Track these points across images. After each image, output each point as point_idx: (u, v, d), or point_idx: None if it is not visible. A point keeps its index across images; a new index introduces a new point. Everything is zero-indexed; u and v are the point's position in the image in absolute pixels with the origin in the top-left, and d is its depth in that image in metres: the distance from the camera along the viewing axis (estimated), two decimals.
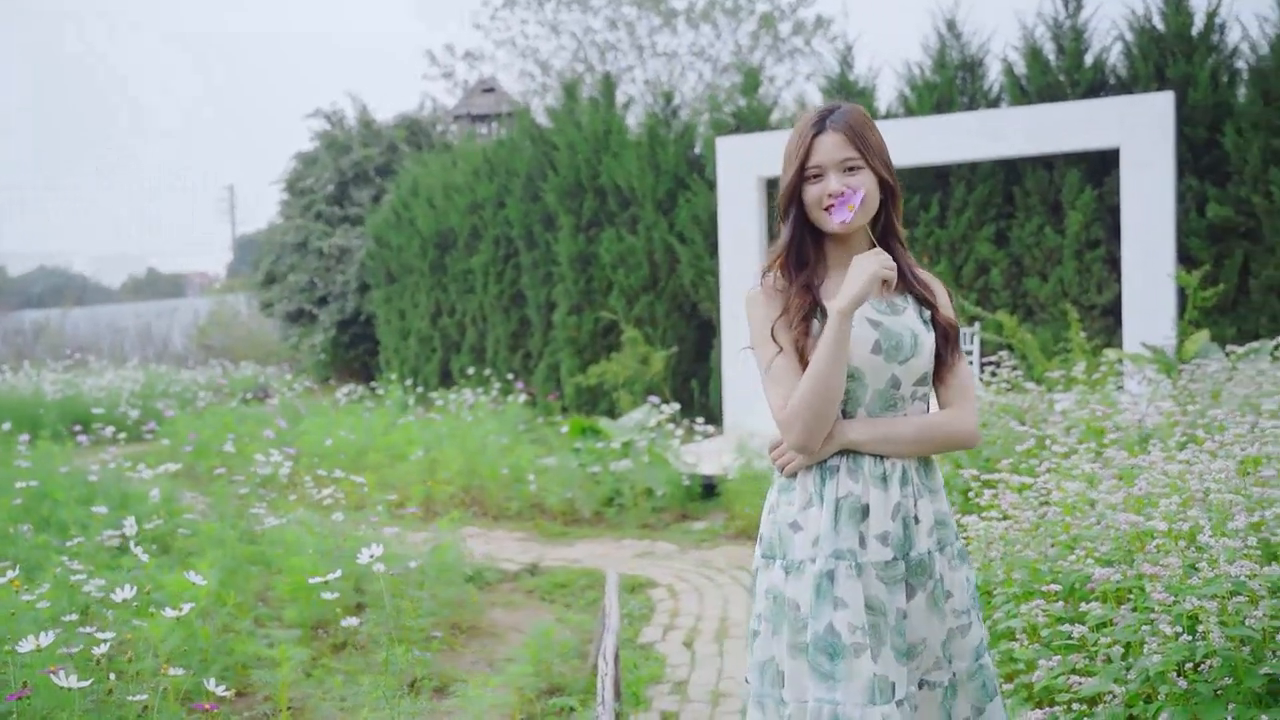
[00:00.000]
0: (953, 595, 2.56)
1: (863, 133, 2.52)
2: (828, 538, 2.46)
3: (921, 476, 2.57)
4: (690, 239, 12.89)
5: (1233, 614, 2.82)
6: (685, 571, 7.22)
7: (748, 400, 11.42)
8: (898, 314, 2.56)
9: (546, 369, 14.14)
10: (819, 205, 2.52)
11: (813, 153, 2.51)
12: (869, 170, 2.52)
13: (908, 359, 2.53)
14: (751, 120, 12.82)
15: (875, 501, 2.48)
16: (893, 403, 2.55)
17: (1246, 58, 10.79)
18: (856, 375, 2.51)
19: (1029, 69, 11.44)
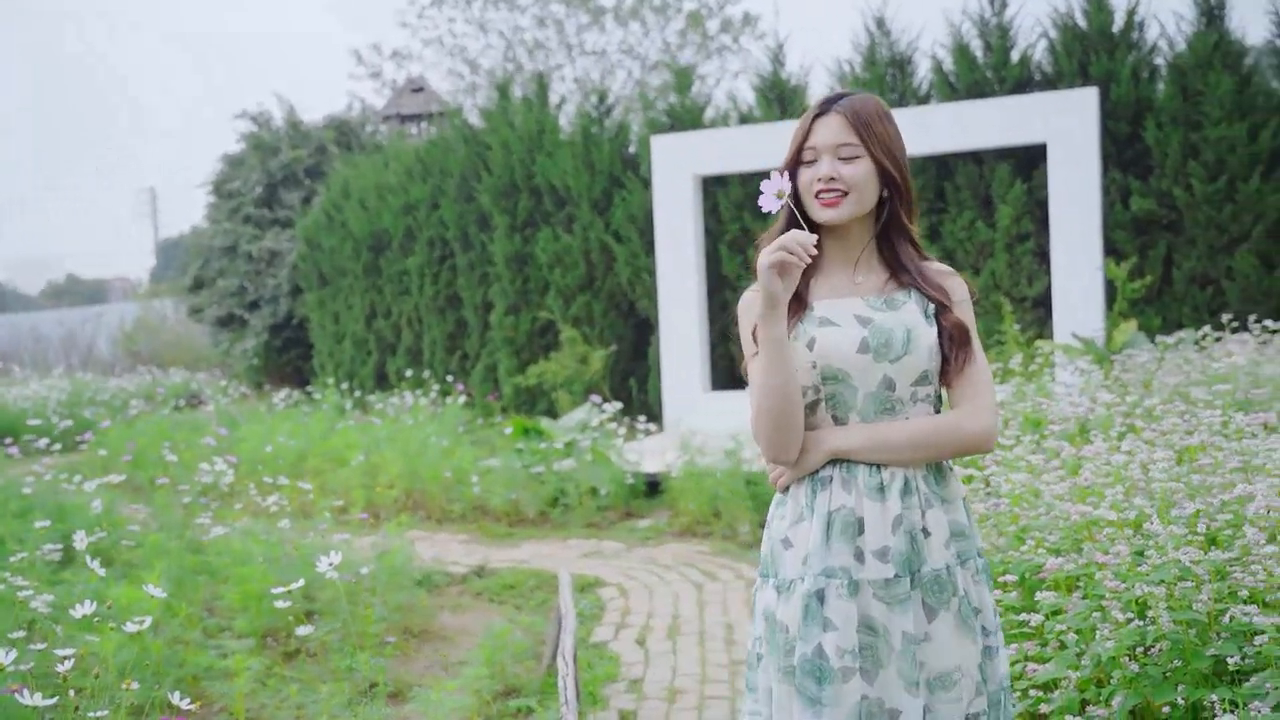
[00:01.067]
0: (981, 612, 2.35)
1: (868, 120, 2.35)
2: (817, 554, 2.29)
3: (931, 485, 2.34)
4: (627, 238, 12.94)
5: (1180, 598, 2.93)
6: (633, 570, 7.27)
7: (687, 398, 11.51)
8: (894, 309, 2.37)
9: (484, 370, 14.11)
10: (809, 190, 2.36)
11: (811, 135, 2.37)
12: (869, 160, 2.34)
13: (899, 357, 2.32)
14: (685, 119, 12.90)
15: (871, 514, 2.29)
16: (889, 405, 2.34)
17: (1165, 54, 11.07)
18: (841, 377, 2.33)
19: (957, 66, 11.65)
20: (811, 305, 2.39)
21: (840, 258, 2.44)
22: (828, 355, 2.33)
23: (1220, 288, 10.57)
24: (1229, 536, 3.14)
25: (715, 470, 8.29)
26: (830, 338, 2.34)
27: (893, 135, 2.38)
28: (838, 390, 2.35)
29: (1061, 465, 3.95)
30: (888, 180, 2.37)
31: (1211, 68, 10.55)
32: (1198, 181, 10.45)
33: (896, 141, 2.38)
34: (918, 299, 2.39)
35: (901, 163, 2.38)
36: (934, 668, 2.28)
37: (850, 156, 2.34)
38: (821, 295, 2.41)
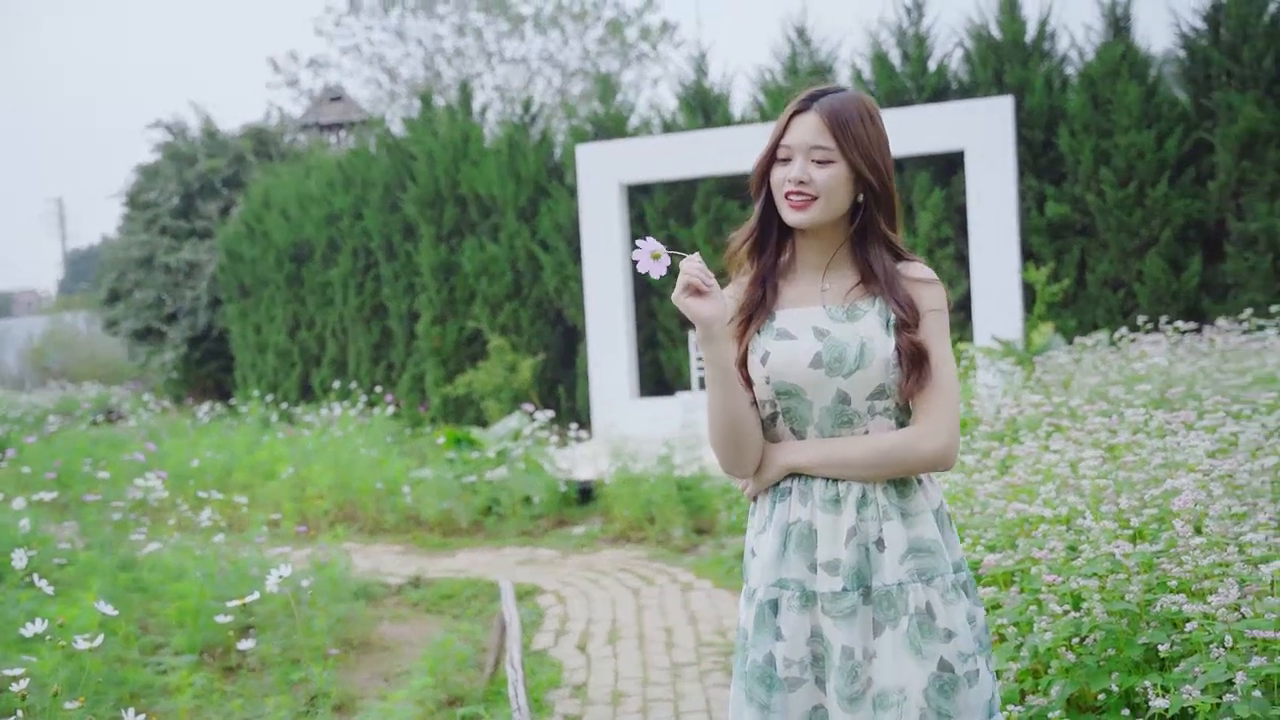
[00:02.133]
0: (955, 635, 2.21)
1: (846, 121, 2.23)
2: (771, 566, 2.28)
3: (891, 498, 2.26)
4: (553, 246, 12.98)
5: (1112, 590, 3.07)
6: (570, 577, 7.32)
7: (616, 404, 11.58)
8: (854, 320, 2.28)
9: (410, 380, 14.05)
10: (779, 190, 2.27)
11: (787, 132, 2.27)
12: (844, 164, 2.23)
13: (853, 371, 2.24)
14: (610, 127, 12.98)
15: (824, 526, 2.26)
16: (847, 419, 2.28)
17: (1076, 64, 11.41)
18: (795, 392, 2.27)
19: (876, 75, 11.88)
20: (774, 314, 2.33)
21: (812, 261, 2.35)
22: (780, 371, 2.27)
23: (1131, 290, 10.90)
24: (1155, 530, 3.28)
25: (648, 476, 8.36)
26: (783, 353, 2.27)
27: (874, 137, 2.26)
28: (792, 405, 2.29)
29: (994, 465, 4.08)
30: (864, 185, 2.26)
31: (1119, 77, 10.89)
32: (1109, 187, 10.77)
33: (878, 144, 2.26)
34: (880, 308, 2.28)
35: (882, 166, 2.27)
36: (877, 685, 2.21)
37: (823, 160, 2.24)
38: (787, 303, 2.34)
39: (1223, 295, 10.70)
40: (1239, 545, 2.95)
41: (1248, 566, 2.87)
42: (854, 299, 2.30)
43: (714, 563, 7.26)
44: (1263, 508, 3.20)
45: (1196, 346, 7.21)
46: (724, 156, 11.66)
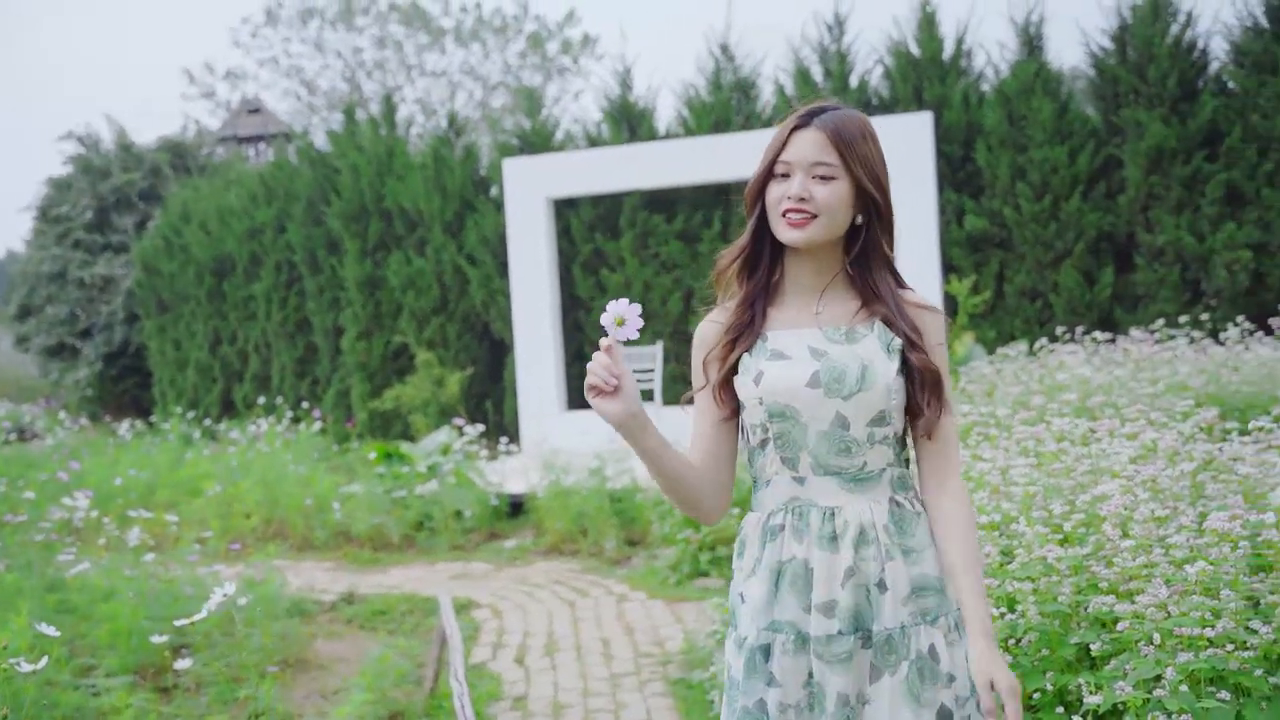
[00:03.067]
0: (956, 679, 2.12)
1: (851, 139, 2.13)
2: (763, 608, 2.15)
3: (893, 535, 2.14)
4: (480, 260, 12.98)
5: (1045, 592, 3.19)
6: (505, 590, 7.34)
7: (544, 418, 11.61)
8: (853, 342, 2.17)
9: (336, 395, 13.94)
10: (777, 207, 2.15)
11: (787, 147, 2.16)
12: (848, 181, 2.13)
13: (853, 394, 2.12)
14: (536, 142, 13.02)
15: (820, 564, 2.13)
16: (844, 447, 2.15)
17: (991, 81, 11.70)
18: (790, 414, 2.14)
19: (798, 90, 12.07)
20: (765, 336, 2.21)
21: (805, 284, 2.23)
22: (775, 391, 2.14)
23: (1048, 301, 11.19)
24: (1084, 534, 3.41)
25: (580, 489, 8.41)
26: (779, 372, 2.16)
27: (876, 157, 2.16)
28: (786, 429, 2.16)
29: None
30: (867, 204, 2.16)
31: (1034, 94, 11.20)
32: (1025, 201, 11.06)
33: (880, 163, 2.17)
34: (880, 332, 2.19)
35: (885, 186, 2.18)
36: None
37: (826, 176, 2.13)
38: (778, 325, 2.22)
39: (1134, 306, 11.04)
40: (1164, 547, 3.08)
41: (1172, 567, 3.00)
42: (854, 323, 2.20)
43: (647, 574, 7.33)
44: (1184, 511, 3.34)
45: (1112, 356, 7.44)
46: (650, 170, 11.77)
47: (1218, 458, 3.85)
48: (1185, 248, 10.70)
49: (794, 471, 2.18)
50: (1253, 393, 6.29)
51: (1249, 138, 10.64)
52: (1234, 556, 2.91)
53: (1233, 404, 6.13)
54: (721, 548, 7.07)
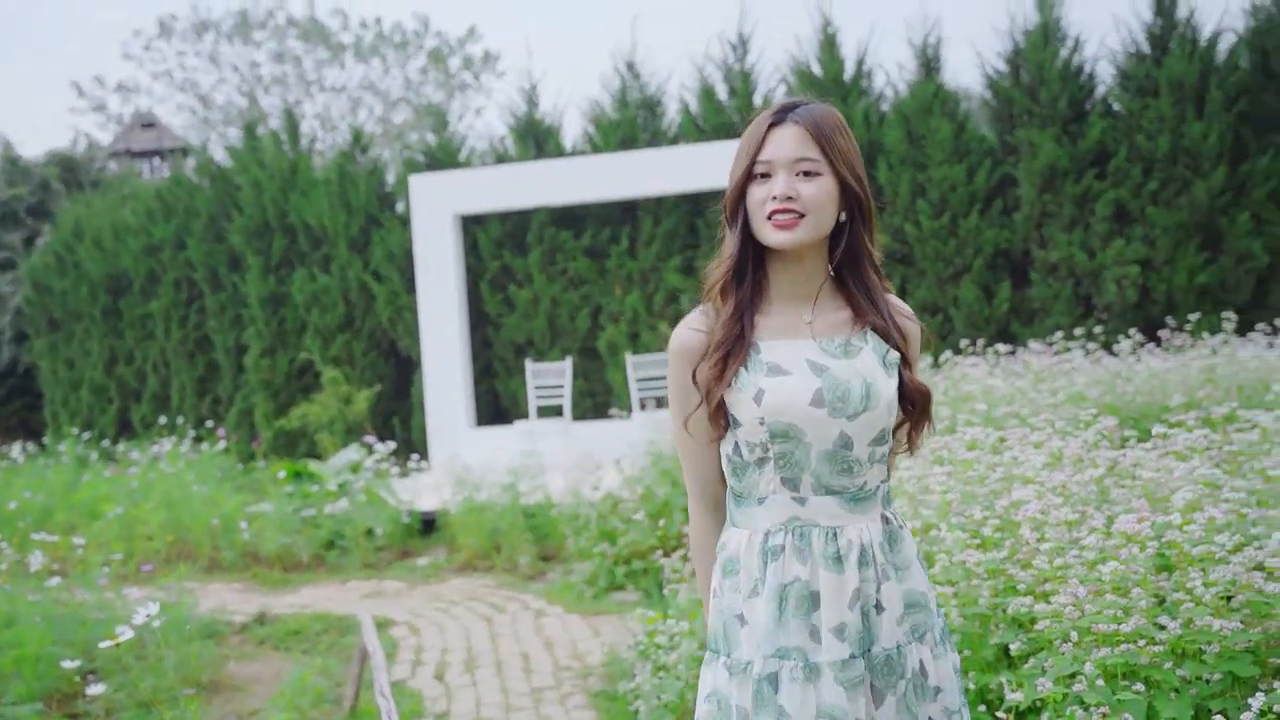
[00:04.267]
0: (942, 691, 2.12)
1: (830, 133, 2.04)
2: (769, 634, 2.05)
3: (886, 552, 2.10)
4: (387, 277, 12.90)
5: (966, 595, 3.31)
6: (420, 608, 7.30)
7: (453, 434, 11.57)
8: (851, 357, 2.08)
9: (239, 414, 13.70)
10: (760, 210, 2.04)
11: (764, 147, 2.05)
12: (832, 177, 2.04)
13: (858, 413, 2.04)
14: (443, 158, 12.99)
15: (827, 587, 2.04)
16: (846, 467, 2.06)
17: (891, 101, 12.00)
18: (794, 434, 2.04)
19: (704, 109, 12.23)
20: (758, 346, 2.09)
21: (791, 291, 2.12)
22: (778, 410, 2.03)
23: (948, 315, 11.50)
24: (1001, 539, 3.55)
25: (494, 505, 8.40)
26: (781, 389, 2.04)
27: (854, 151, 2.09)
28: (789, 449, 2.05)
29: None
30: (851, 200, 2.07)
31: (932, 114, 11.51)
32: (925, 218, 11.36)
33: (857, 157, 2.10)
34: (875, 344, 2.11)
35: (864, 181, 2.09)
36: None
37: (810, 172, 2.03)
38: (769, 334, 2.10)
39: (1030, 319, 11.39)
40: (1078, 549, 3.22)
41: (1085, 568, 3.14)
42: (846, 333, 2.11)
43: (564, 588, 7.36)
44: (1093, 515, 3.49)
45: (1013, 368, 7.68)
46: (558, 187, 11.82)
47: (1121, 464, 4.02)
48: (1077, 263, 11.07)
49: (794, 492, 2.07)
50: (1145, 402, 6.56)
51: (1134, 158, 11.07)
52: (1142, 557, 3.05)
53: (1128, 412, 6.39)
54: (636, 561, 7.13)
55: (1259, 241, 10.76)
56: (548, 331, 12.44)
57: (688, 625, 4.35)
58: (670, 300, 12.14)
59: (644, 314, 12.15)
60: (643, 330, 12.13)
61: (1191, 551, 3.04)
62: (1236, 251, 10.84)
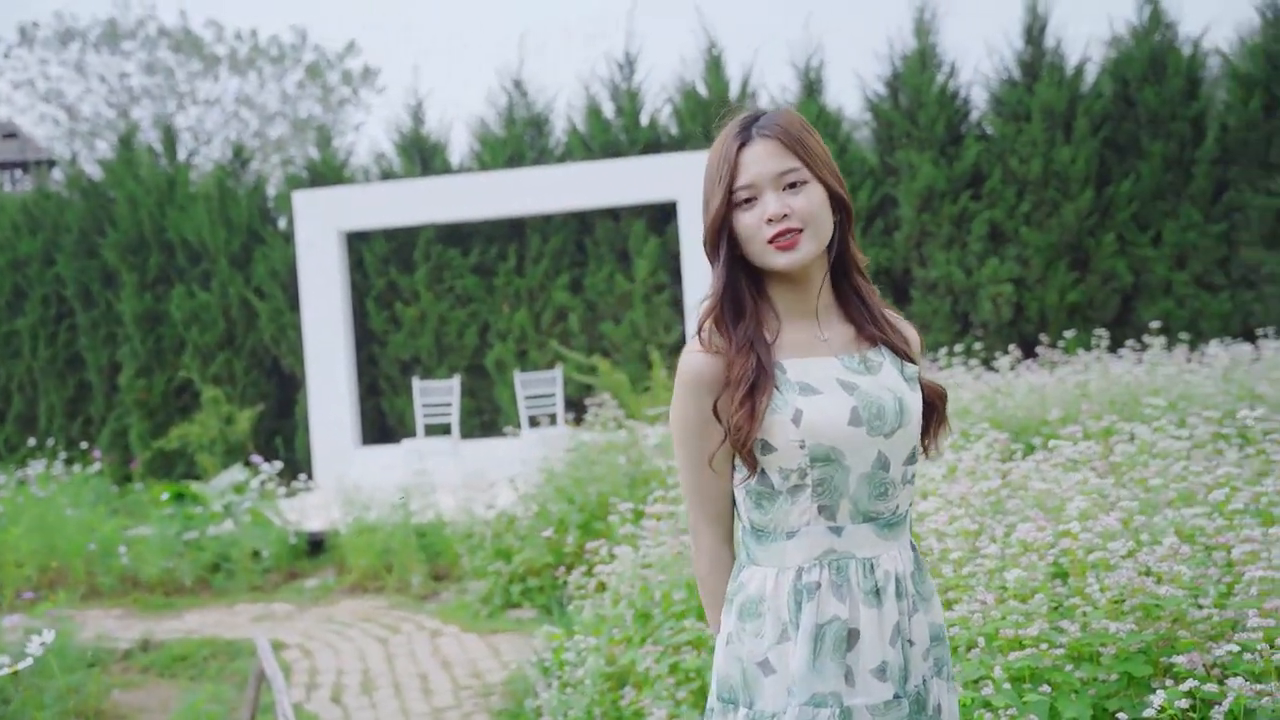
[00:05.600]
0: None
1: (801, 138, 1.93)
2: (804, 679, 1.88)
3: (916, 582, 1.99)
4: (269, 294, 12.65)
5: None
6: (312, 630, 7.18)
7: (339, 453, 11.41)
8: (874, 373, 1.97)
9: (112, 435, 13.27)
10: (757, 237, 1.92)
11: (741, 170, 1.92)
12: (818, 184, 1.93)
13: (894, 431, 1.93)
14: (327, 173, 12.81)
15: (868, 624, 1.90)
16: (883, 490, 1.94)
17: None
18: (834, 457, 1.90)
19: (591, 127, 12.30)
20: (782, 365, 1.95)
21: (799, 309, 2.00)
22: (818, 431, 1.89)
23: None
24: None
25: (385, 524, 8.30)
26: (818, 409, 1.91)
27: (826, 150, 1.99)
28: (829, 474, 1.91)
29: None
30: (837, 203, 1.97)
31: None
32: None
33: (830, 156, 2.00)
34: (891, 358, 2.01)
35: (843, 181, 2.00)
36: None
37: (797, 183, 1.92)
38: (788, 351, 1.97)
39: None
40: (980, 558, 3.33)
41: (989, 576, 3.26)
42: (860, 349, 2.01)
43: (458, 607, 7.31)
44: (991, 526, 3.62)
45: None
46: (445, 204, 11.77)
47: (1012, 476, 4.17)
48: (955, 281, 11.41)
49: (831, 521, 1.92)
50: (1026, 416, 6.79)
51: (1008, 180, 11.48)
52: (1042, 564, 3.18)
53: (1009, 426, 6.61)
54: (532, 579, 7.11)
55: (1123, 261, 11.24)
56: (435, 349, 12.35)
57: (594, 641, 4.37)
58: (559, 317, 12.16)
59: (532, 332, 12.14)
60: (531, 348, 12.13)
61: (1086, 559, 3.18)
62: (1103, 271, 11.30)
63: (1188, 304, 11.14)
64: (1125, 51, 11.64)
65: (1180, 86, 11.32)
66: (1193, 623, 2.99)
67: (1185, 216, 11.16)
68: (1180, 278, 11.15)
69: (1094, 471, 4.04)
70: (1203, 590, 3.07)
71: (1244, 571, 2.94)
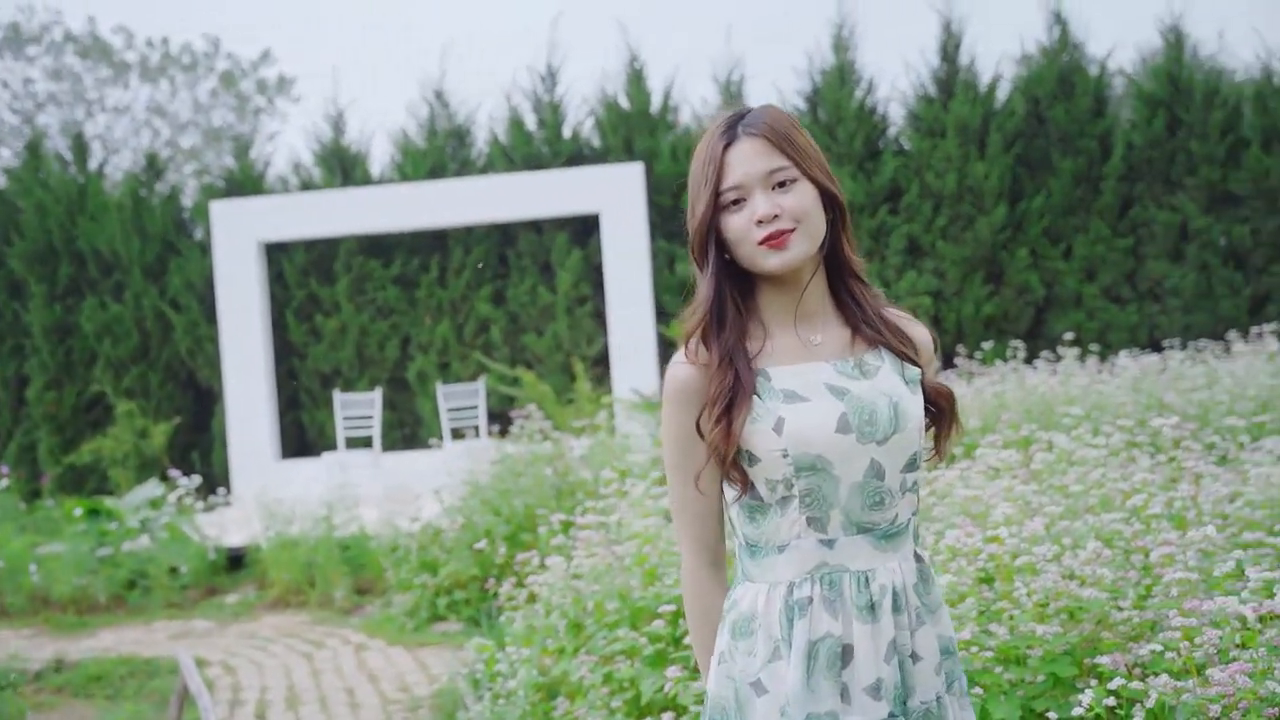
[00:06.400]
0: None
1: (789, 134, 1.88)
2: (799, 699, 1.82)
3: (920, 594, 1.90)
4: (185, 306, 12.44)
5: None
6: (234, 646, 7.07)
7: (258, 467, 11.25)
8: (869, 376, 1.89)
9: (19, 450, 12.92)
10: (747, 239, 1.86)
11: (727, 170, 1.86)
12: (807, 182, 1.87)
13: (888, 437, 1.85)
14: (245, 184, 12.64)
15: (862, 640, 1.83)
16: (878, 499, 1.86)
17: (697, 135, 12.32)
18: (821, 466, 1.83)
19: (513, 139, 12.30)
20: (767, 373, 1.89)
21: (790, 314, 1.93)
22: (804, 440, 1.83)
23: None
24: None
25: (308, 537, 8.21)
26: (803, 417, 1.84)
27: (816, 146, 1.93)
28: (816, 484, 1.84)
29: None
30: (829, 200, 1.90)
31: None
32: None
33: (820, 152, 1.94)
34: (892, 361, 1.92)
35: (834, 178, 1.93)
36: None
37: (785, 182, 1.86)
38: (775, 359, 1.91)
39: None
40: None
41: None
42: (856, 352, 1.92)
43: (384, 621, 7.25)
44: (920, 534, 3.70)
45: None
46: (366, 215, 11.68)
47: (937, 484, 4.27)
48: None
49: (822, 533, 1.86)
50: None
51: (924, 195, 11.70)
52: (971, 569, 3.26)
53: None
54: (459, 591, 7.08)
55: (1035, 275, 11.51)
56: (356, 361, 12.23)
57: (526, 652, 4.37)
58: (481, 329, 12.13)
59: (454, 344, 12.09)
60: (453, 360, 12.08)
61: (1013, 563, 3.26)
62: (1016, 284, 11.56)
63: (1097, 316, 11.44)
64: (1036, 70, 11.94)
65: (1088, 105, 11.64)
66: (1115, 624, 3.09)
67: (1094, 231, 11.48)
68: (1090, 290, 11.46)
69: (1016, 479, 4.15)
70: (1122, 592, 3.18)
71: (1162, 574, 3.05)
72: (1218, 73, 11.65)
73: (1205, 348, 9.37)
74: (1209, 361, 8.16)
